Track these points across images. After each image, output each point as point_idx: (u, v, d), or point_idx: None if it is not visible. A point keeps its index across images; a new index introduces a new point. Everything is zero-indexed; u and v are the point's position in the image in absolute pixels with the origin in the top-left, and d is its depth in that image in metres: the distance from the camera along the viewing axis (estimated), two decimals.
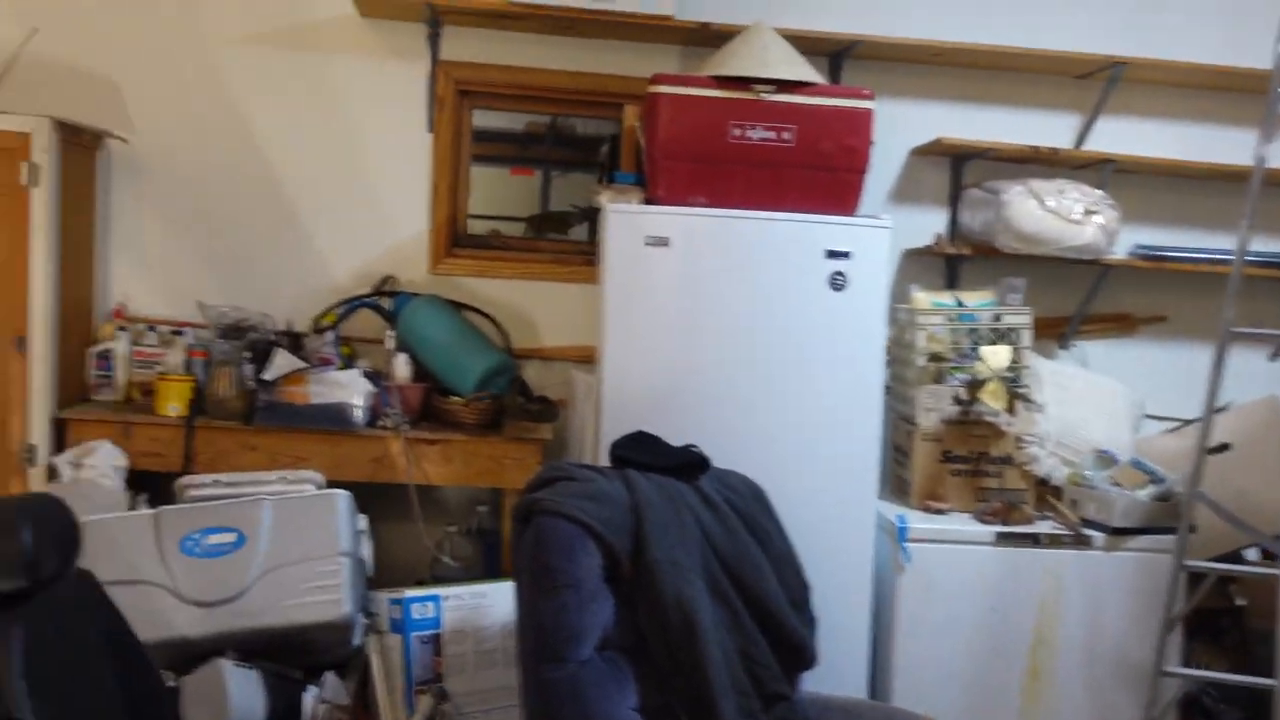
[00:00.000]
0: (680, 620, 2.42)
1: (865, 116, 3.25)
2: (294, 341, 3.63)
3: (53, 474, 3.34)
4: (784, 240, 3.17)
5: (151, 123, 3.78)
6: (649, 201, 3.26)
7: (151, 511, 2.94)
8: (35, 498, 1.86)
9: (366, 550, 3.11)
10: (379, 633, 3.08)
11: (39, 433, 3.34)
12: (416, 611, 3.06)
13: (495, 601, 3.13)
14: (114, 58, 3.75)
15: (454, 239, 3.91)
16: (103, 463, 3.31)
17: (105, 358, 3.63)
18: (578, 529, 2.46)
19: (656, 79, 3.25)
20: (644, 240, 3.13)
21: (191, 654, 2.82)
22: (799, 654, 2.62)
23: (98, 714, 1.94)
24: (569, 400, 3.70)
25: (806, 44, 3.49)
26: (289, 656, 2.95)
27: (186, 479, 3.16)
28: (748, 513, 2.74)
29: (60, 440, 3.41)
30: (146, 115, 3.78)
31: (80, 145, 3.51)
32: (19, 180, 3.24)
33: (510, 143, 4.02)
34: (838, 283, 3.17)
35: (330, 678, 2.92)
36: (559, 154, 4.05)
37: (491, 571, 3.55)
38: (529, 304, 3.90)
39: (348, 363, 3.60)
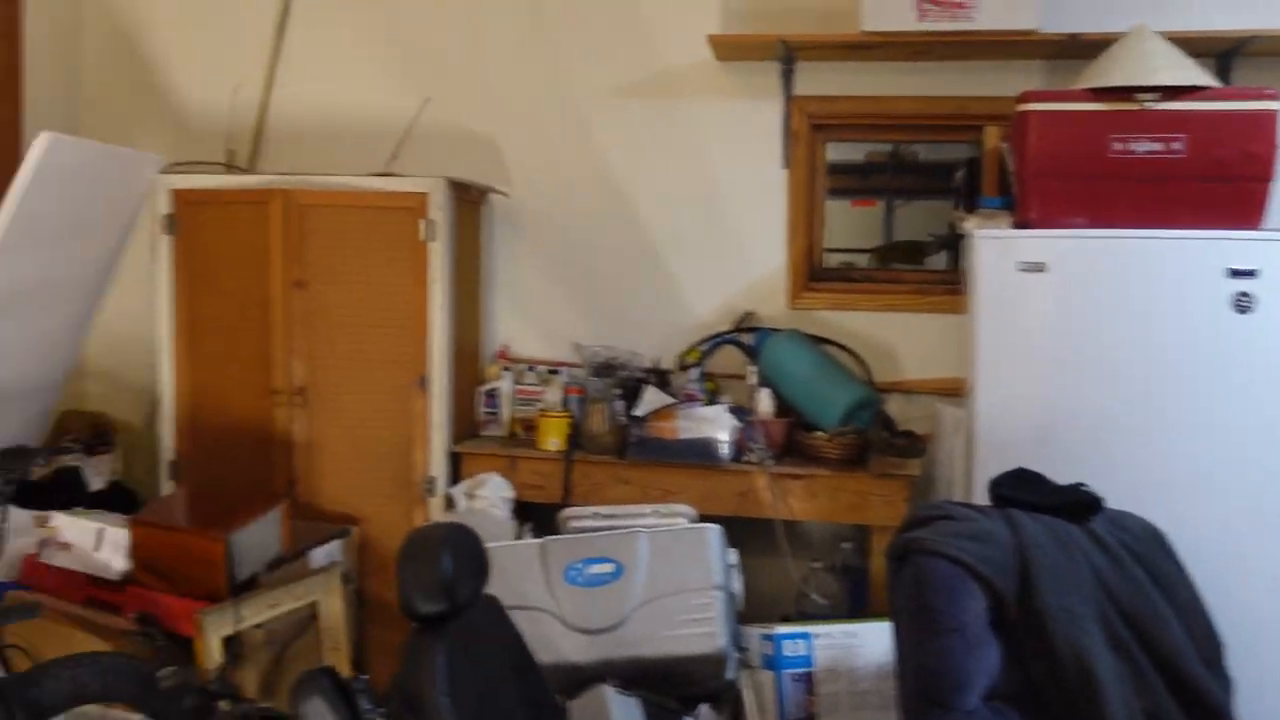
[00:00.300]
0: (1076, 673, 2.26)
1: (1269, 119, 2.94)
2: (661, 378, 3.76)
3: (449, 504, 3.63)
4: (1176, 260, 2.92)
5: (527, 177, 4.06)
6: (1019, 225, 3.11)
7: (538, 541, 3.11)
8: (451, 527, 2.02)
9: (737, 584, 3.15)
10: (751, 668, 3.10)
11: (438, 465, 3.64)
12: (788, 648, 3.05)
13: (867, 642, 3.07)
14: (495, 120, 4.07)
15: (811, 272, 3.91)
16: (493, 494, 3.57)
17: (492, 396, 3.92)
18: (959, 570, 2.35)
19: (1025, 96, 3.10)
20: (1017, 266, 2.99)
21: (576, 679, 2.96)
22: (1214, 719, 2.37)
23: None
24: (934, 435, 3.58)
25: (1188, 46, 3.21)
26: (664, 687, 3.02)
27: (568, 510, 3.33)
28: (1146, 558, 2.52)
29: (455, 472, 3.70)
30: (523, 170, 4.07)
31: (468, 201, 3.83)
32: (419, 236, 3.57)
33: (851, 174, 3.99)
34: (1242, 304, 2.88)
35: (705, 710, 2.96)
36: (901, 182, 3.96)
37: (857, 610, 3.49)
38: (889, 336, 3.82)
39: (712, 398, 3.68)
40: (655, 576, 3.04)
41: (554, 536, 3.15)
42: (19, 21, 4.02)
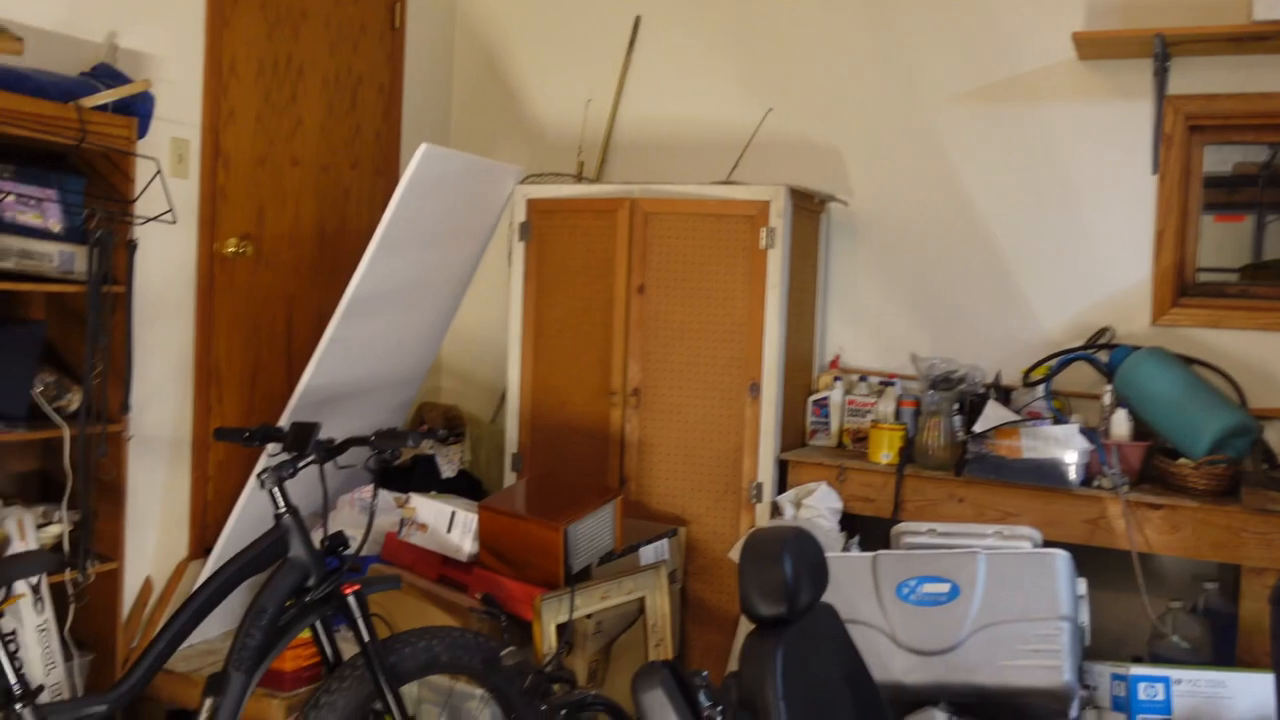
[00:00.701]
0: None
1: None
2: (1003, 394, 3.57)
3: (776, 511, 3.60)
4: None
5: (867, 184, 3.99)
6: None
7: (870, 555, 3.02)
8: (794, 531, 1.99)
9: (1085, 616, 2.92)
10: (1098, 708, 2.86)
11: (766, 472, 3.63)
12: (1144, 691, 2.79)
13: (1236, 693, 2.75)
14: (837, 128, 4.02)
15: (1181, 287, 3.58)
16: (821, 504, 3.51)
17: (822, 405, 3.86)
18: None
19: None
20: None
21: (903, 700, 2.85)
22: None
23: None
24: None
25: None
26: (999, 718, 2.85)
27: (902, 525, 3.22)
28: None
29: (782, 480, 3.67)
30: (863, 178, 3.99)
31: (808, 210, 3.79)
32: (758, 244, 3.57)
33: (1216, 187, 3.60)
34: None
35: None
36: (1277, 195, 3.54)
37: (1221, 658, 3.14)
38: (1270, 357, 3.43)
39: (1059, 417, 3.44)
40: (995, 601, 2.87)
41: (886, 551, 3.05)
42: (402, 47, 4.40)
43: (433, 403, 4.52)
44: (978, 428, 3.39)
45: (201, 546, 3.62)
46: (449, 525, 3.26)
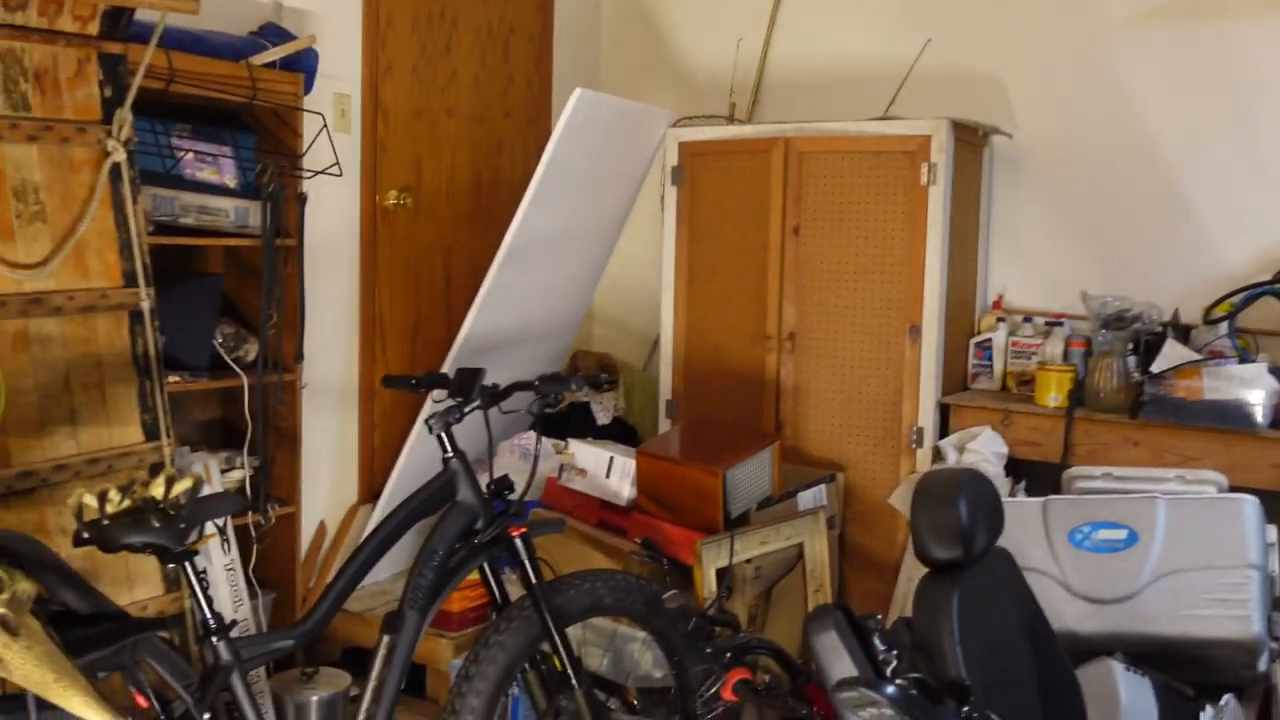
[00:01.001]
0: None
1: None
2: (1181, 333, 3.38)
3: (937, 456, 3.52)
4: None
5: (1033, 116, 3.81)
6: None
7: (1040, 500, 2.92)
8: (968, 473, 1.93)
9: (1276, 565, 2.76)
10: None
11: (926, 416, 3.54)
12: None
13: None
14: (1000, 57, 3.85)
15: None
16: (985, 448, 3.41)
17: (985, 347, 3.74)
18: None
19: None
20: None
21: (1076, 649, 2.74)
22: None
23: (1015, 691, 1.95)
24: None
25: None
26: (1180, 669, 2.72)
27: (1075, 470, 3.10)
28: None
29: (944, 424, 3.58)
30: (1028, 109, 3.82)
31: (970, 144, 3.65)
32: (919, 180, 3.46)
33: None
34: None
35: (1232, 702, 2.63)
36: None
37: None
38: None
39: (1245, 356, 3.25)
40: (1176, 548, 2.74)
41: (1057, 496, 2.94)
42: None
43: (586, 350, 4.56)
44: (1155, 368, 3.23)
45: (370, 491, 3.74)
46: (608, 470, 3.29)
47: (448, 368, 3.32)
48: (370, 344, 3.72)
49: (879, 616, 1.75)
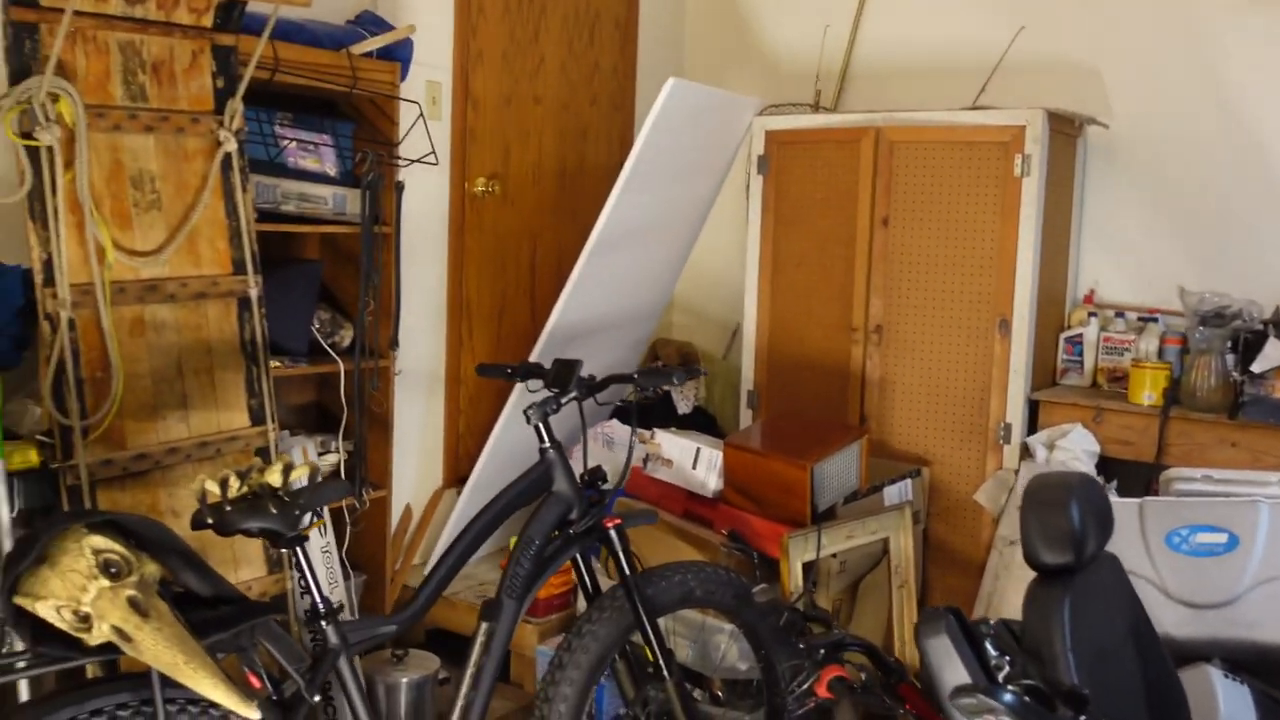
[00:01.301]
0: None
1: None
2: None
3: (1026, 452, 3.47)
4: None
5: (1129, 105, 3.73)
6: None
7: (1136, 501, 2.87)
8: (1079, 477, 1.90)
9: None
10: None
11: (1015, 412, 3.49)
12: None
13: None
14: (1095, 45, 3.77)
15: None
16: (1075, 446, 3.36)
17: (1075, 342, 3.69)
18: None
19: None
20: None
21: (1173, 654, 2.69)
22: None
23: (1122, 698, 1.93)
24: None
25: None
26: (1278, 677, 2.67)
27: (1173, 471, 3.04)
28: None
29: (1032, 421, 3.53)
30: (1124, 98, 3.74)
31: (1064, 134, 3.58)
32: (1013, 172, 3.40)
33: None
34: None
35: None
36: None
37: None
38: None
39: None
40: (1278, 553, 2.68)
41: (1154, 498, 2.89)
42: None
43: (666, 339, 4.56)
44: (1255, 367, 3.15)
45: (454, 476, 3.79)
46: (694, 461, 3.29)
47: (536, 356, 3.34)
48: (457, 330, 3.76)
49: (991, 622, 1.74)
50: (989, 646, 1.68)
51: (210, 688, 1.62)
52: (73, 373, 2.17)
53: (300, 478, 1.97)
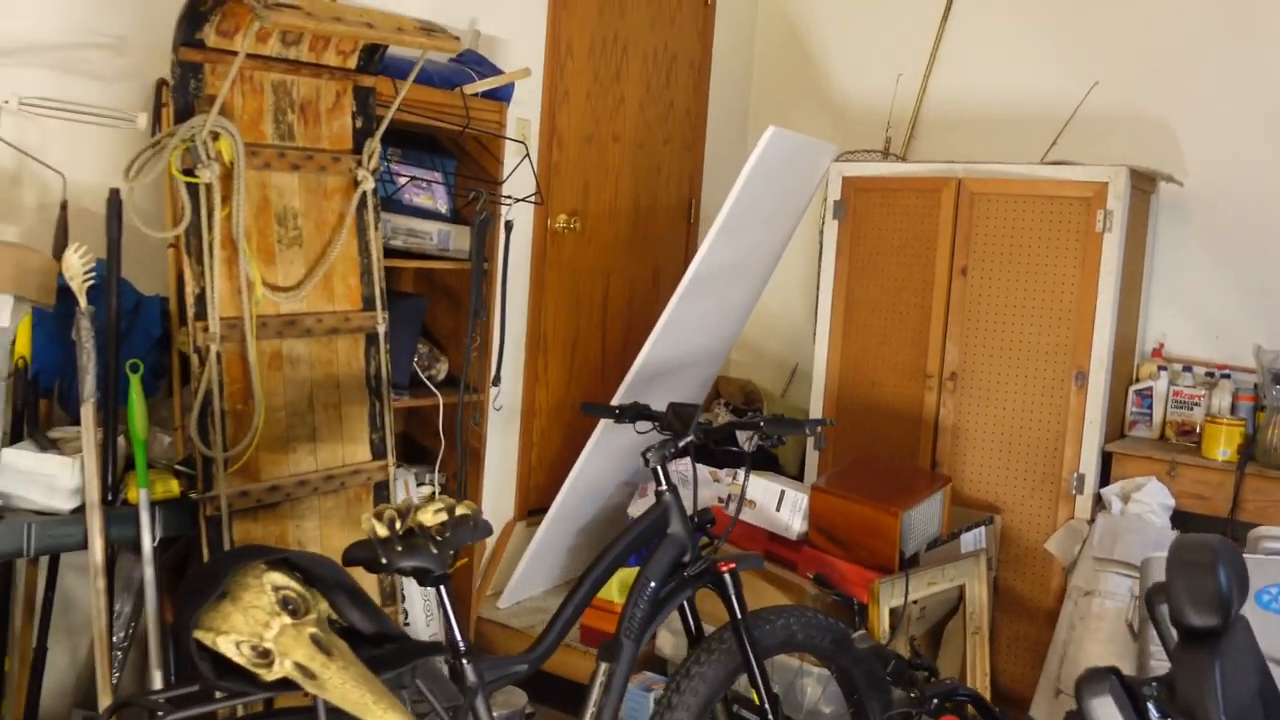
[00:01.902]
0: None
1: None
2: None
3: (1099, 503, 3.52)
4: None
5: (1201, 161, 3.80)
6: None
7: None
8: (1219, 540, 1.94)
9: None
10: None
11: (1088, 463, 3.53)
12: None
13: None
14: (1168, 100, 3.84)
15: None
16: (1151, 499, 3.40)
17: (1145, 395, 3.74)
18: None
19: None
20: None
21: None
22: None
23: None
24: None
25: None
26: None
27: (1262, 529, 3.09)
28: None
29: (1105, 472, 3.58)
30: (1197, 154, 3.81)
31: (1141, 191, 3.65)
32: (1094, 227, 3.46)
33: None
34: None
35: None
36: None
37: None
38: None
39: None
40: None
41: (1246, 555, 2.92)
42: (713, 23, 4.46)
43: (727, 377, 4.61)
44: None
45: (524, 509, 3.82)
46: (778, 503, 3.33)
47: (622, 395, 3.37)
48: (534, 363, 3.80)
49: (1154, 683, 1.77)
50: (1152, 709, 1.72)
51: None
52: (218, 405, 2.20)
53: (445, 519, 2.01)
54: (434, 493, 3.07)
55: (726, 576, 2.53)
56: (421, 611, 2.94)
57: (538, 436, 3.87)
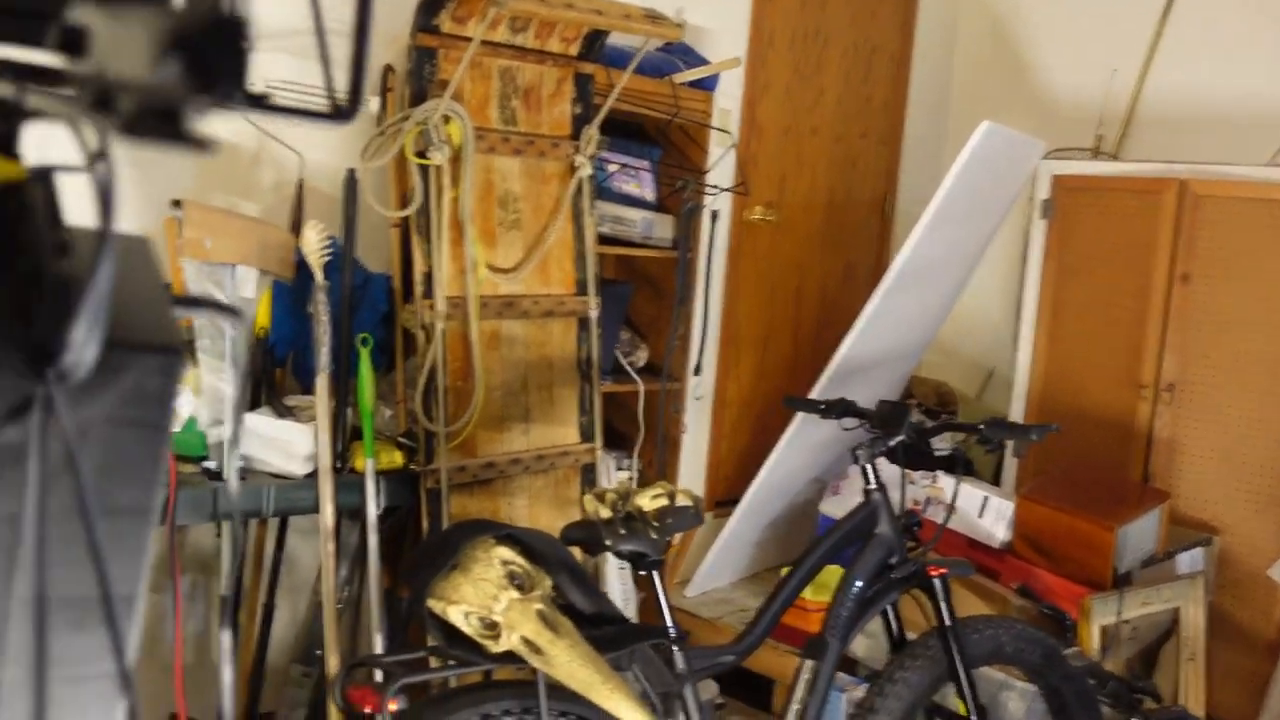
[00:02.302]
0: None
1: None
2: None
3: None
4: None
5: None
6: None
7: None
8: None
9: None
10: None
11: None
12: None
13: None
14: None
15: None
16: None
17: None
18: None
19: None
20: None
21: None
22: None
23: None
24: None
25: None
26: None
27: None
28: None
29: None
30: None
31: None
32: None
33: None
34: None
35: None
36: None
37: None
38: None
39: None
40: None
41: None
42: (914, 16, 4.35)
43: (920, 377, 4.48)
44: None
45: (713, 499, 3.80)
46: (981, 510, 3.21)
47: (821, 391, 3.31)
48: (727, 355, 3.78)
49: None
50: None
51: (628, 711, 1.65)
52: (441, 381, 2.25)
53: (662, 505, 2.00)
54: (632, 478, 3.08)
55: (936, 581, 2.45)
56: (620, 595, 2.95)
57: (728, 428, 3.84)
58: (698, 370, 3.11)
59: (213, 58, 0.37)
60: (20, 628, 0.52)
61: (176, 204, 2.13)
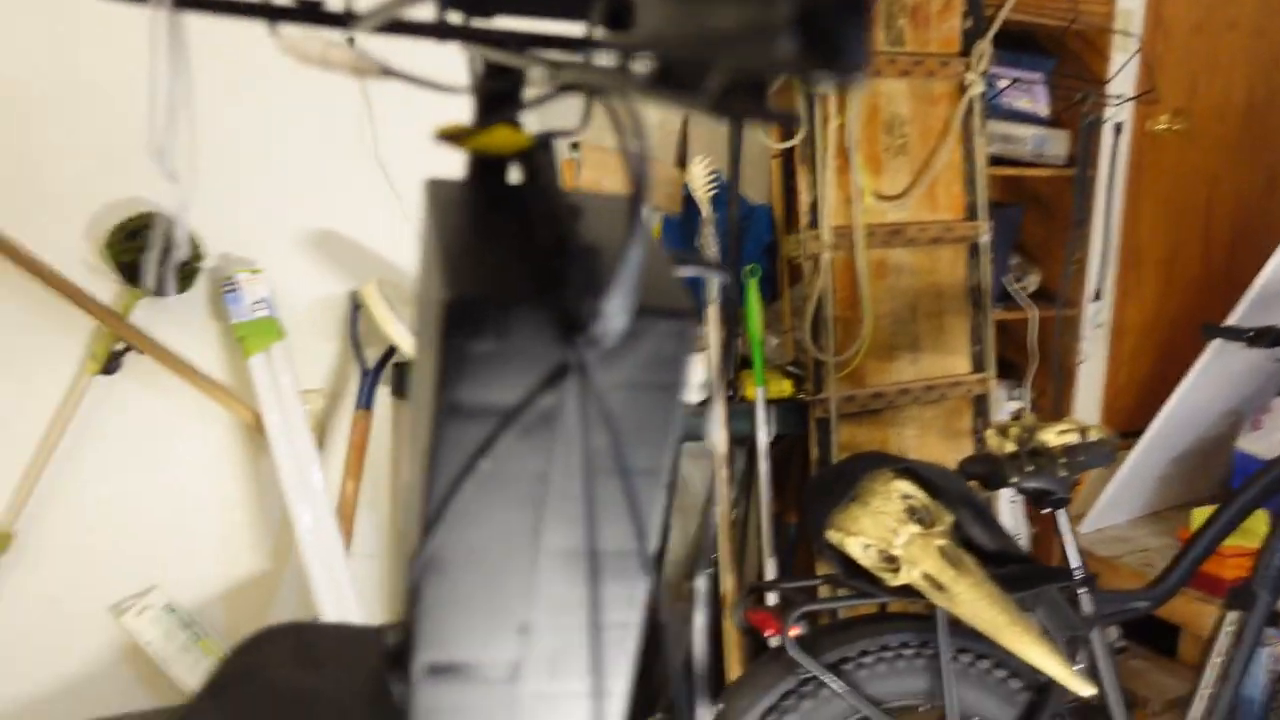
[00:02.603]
0: None
1: None
2: None
3: None
4: None
5: None
6: None
7: None
8: None
9: None
10: None
11: None
12: None
13: None
14: None
15: None
16: None
17: None
18: None
19: None
20: None
21: None
22: None
23: None
24: None
25: None
26: None
27: None
28: None
29: None
30: None
31: None
32: None
33: None
34: None
35: None
36: None
37: None
38: None
39: None
40: None
41: None
42: None
43: None
44: None
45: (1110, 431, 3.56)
46: None
47: (1243, 315, 2.99)
48: (1126, 277, 3.49)
49: None
50: None
51: (1039, 655, 1.60)
52: (830, 311, 2.24)
53: (1070, 439, 1.89)
54: (1024, 409, 2.95)
55: None
56: (1009, 530, 2.85)
57: (1127, 356, 3.57)
58: (1097, 295, 2.91)
59: (836, 29, 0.36)
60: (548, 577, 0.57)
61: (575, 146, 2.24)
